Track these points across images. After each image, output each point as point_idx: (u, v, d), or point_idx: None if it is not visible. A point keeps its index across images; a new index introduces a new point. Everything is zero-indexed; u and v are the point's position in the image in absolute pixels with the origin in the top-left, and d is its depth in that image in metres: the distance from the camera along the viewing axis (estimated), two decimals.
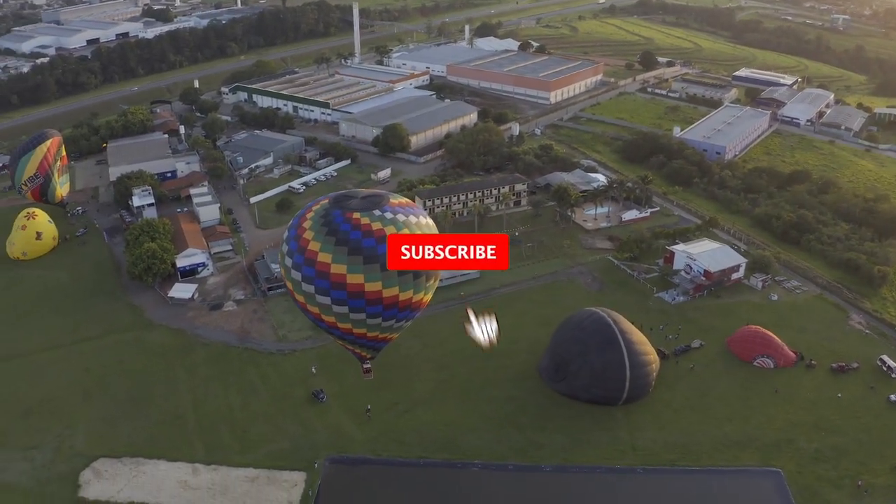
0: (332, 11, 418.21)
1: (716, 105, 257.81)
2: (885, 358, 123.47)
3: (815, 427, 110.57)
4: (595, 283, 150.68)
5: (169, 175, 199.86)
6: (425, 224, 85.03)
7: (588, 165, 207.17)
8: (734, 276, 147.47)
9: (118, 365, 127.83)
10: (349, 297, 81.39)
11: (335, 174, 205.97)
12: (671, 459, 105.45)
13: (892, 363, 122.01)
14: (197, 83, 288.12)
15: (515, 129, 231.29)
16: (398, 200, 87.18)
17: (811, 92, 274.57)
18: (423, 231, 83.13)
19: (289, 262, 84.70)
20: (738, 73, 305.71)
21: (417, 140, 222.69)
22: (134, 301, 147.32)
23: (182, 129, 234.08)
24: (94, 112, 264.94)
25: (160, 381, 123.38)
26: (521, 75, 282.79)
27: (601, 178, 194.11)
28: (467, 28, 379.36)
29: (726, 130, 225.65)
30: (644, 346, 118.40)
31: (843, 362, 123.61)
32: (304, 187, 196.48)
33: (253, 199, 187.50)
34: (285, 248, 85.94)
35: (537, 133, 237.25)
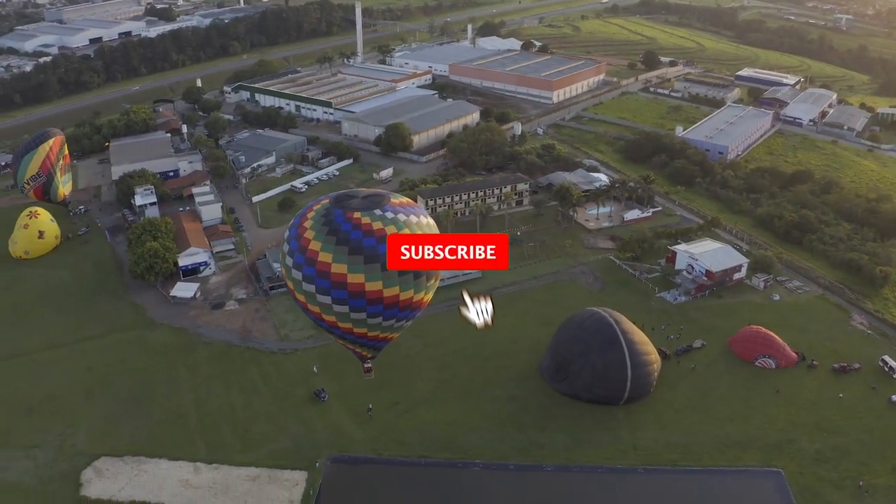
0: (335, 10, 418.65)
1: (718, 105, 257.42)
2: (887, 358, 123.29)
3: (816, 427, 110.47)
4: (597, 283, 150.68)
5: (171, 174, 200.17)
6: (426, 224, 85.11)
7: (590, 165, 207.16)
8: (736, 276, 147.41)
9: (120, 364, 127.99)
10: (350, 296, 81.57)
11: (337, 173, 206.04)
12: (672, 459, 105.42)
13: (893, 364, 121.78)
14: (199, 82, 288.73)
15: (518, 128, 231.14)
16: (399, 200, 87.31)
17: (814, 92, 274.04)
18: (423, 231, 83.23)
19: (289, 261, 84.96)
20: (740, 72, 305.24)
21: (420, 139, 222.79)
22: (136, 300, 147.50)
23: (184, 128, 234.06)
24: (96, 111, 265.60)
25: (162, 380, 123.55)
26: (523, 75, 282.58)
27: (603, 178, 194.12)
28: (470, 27, 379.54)
29: (729, 130, 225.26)
30: (645, 346, 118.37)
31: (845, 363, 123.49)
32: (307, 186, 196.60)
33: (255, 199, 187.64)
34: (286, 247, 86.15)
35: (539, 132, 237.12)
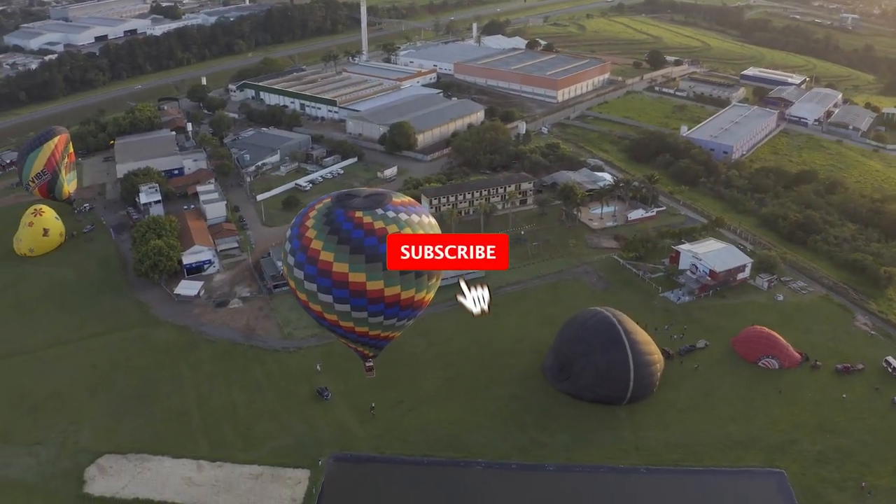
0: (340, 9, 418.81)
1: (723, 104, 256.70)
2: (891, 359, 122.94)
3: (819, 428, 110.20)
4: (600, 283, 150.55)
5: (176, 172, 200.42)
6: (427, 223, 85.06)
7: (595, 164, 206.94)
8: (740, 276, 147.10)
9: (124, 361, 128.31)
10: (351, 295, 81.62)
11: (342, 172, 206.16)
12: (674, 459, 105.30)
13: None
14: (204, 80, 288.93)
15: (522, 127, 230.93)
16: (401, 199, 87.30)
17: (819, 91, 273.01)
18: (425, 230, 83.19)
19: (291, 260, 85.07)
20: (746, 72, 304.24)
21: (424, 138, 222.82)
22: (140, 298, 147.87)
23: (189, 126, 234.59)
24: (101, 109, 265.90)
25: (165, 378, 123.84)
26: (528, 73, 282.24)
27: (607, 177, 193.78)
28: (475, 26, 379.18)
29: (733, 130, 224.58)
30: (648, 346, 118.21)
31: (849, 363, 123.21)
32: (311, 185, 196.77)
33: (259, 197, 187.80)
34: (288, 246, 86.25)
35: (544, 132, 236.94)
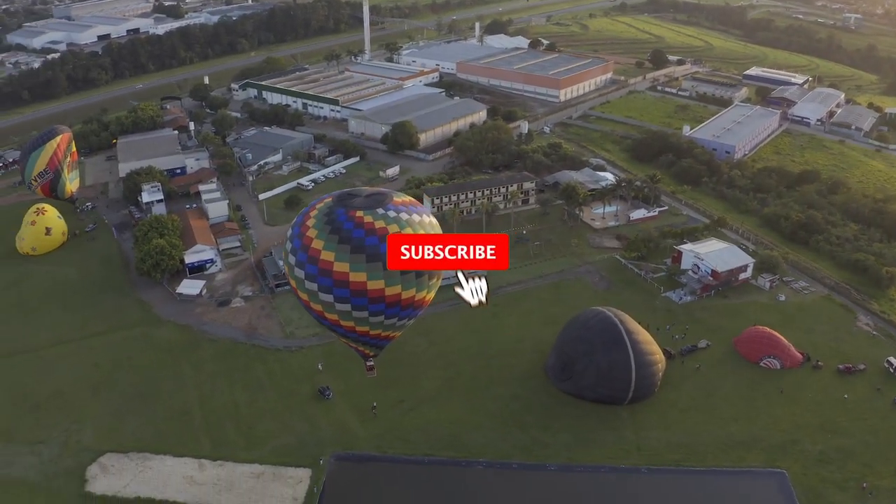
0: (343, 8, 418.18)
1: (726, 104, 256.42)
2: (893, 360, 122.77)
3: (820, 428, 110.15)
4: (602, 282, 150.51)
5: (178, 171, 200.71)
6: (428, 223, 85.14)
7: (597, 164, 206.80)
8: (742, 276, 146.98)
9: (126, 360, 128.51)
10: (351, 294, 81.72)
11: (344, 171, 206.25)
12: (676, 459, 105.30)
13: None
14: (207, 79, 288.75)
15: (524, 126, 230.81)
16: (402, 199, 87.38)
17: (822, 91, 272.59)
18: (426, 230, 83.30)
19: (292, 259, 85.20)
20: (748, 71, 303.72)
21: (426, 137, 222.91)
22: (142, 297, 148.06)
23: (192, 125, 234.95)
24: (104, 108, 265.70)
25: (167, 377, 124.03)
26: (530, 73, 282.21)
27: (610, 177, 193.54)
28: (477, 25, 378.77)
29: (736, 129, 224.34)
30: (650, 346, 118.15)
31: (850, 364, 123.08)
32: (313, 184, 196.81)
33: (262, 196, 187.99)
34: (289, 245, 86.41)
35: (546, 131, 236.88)
